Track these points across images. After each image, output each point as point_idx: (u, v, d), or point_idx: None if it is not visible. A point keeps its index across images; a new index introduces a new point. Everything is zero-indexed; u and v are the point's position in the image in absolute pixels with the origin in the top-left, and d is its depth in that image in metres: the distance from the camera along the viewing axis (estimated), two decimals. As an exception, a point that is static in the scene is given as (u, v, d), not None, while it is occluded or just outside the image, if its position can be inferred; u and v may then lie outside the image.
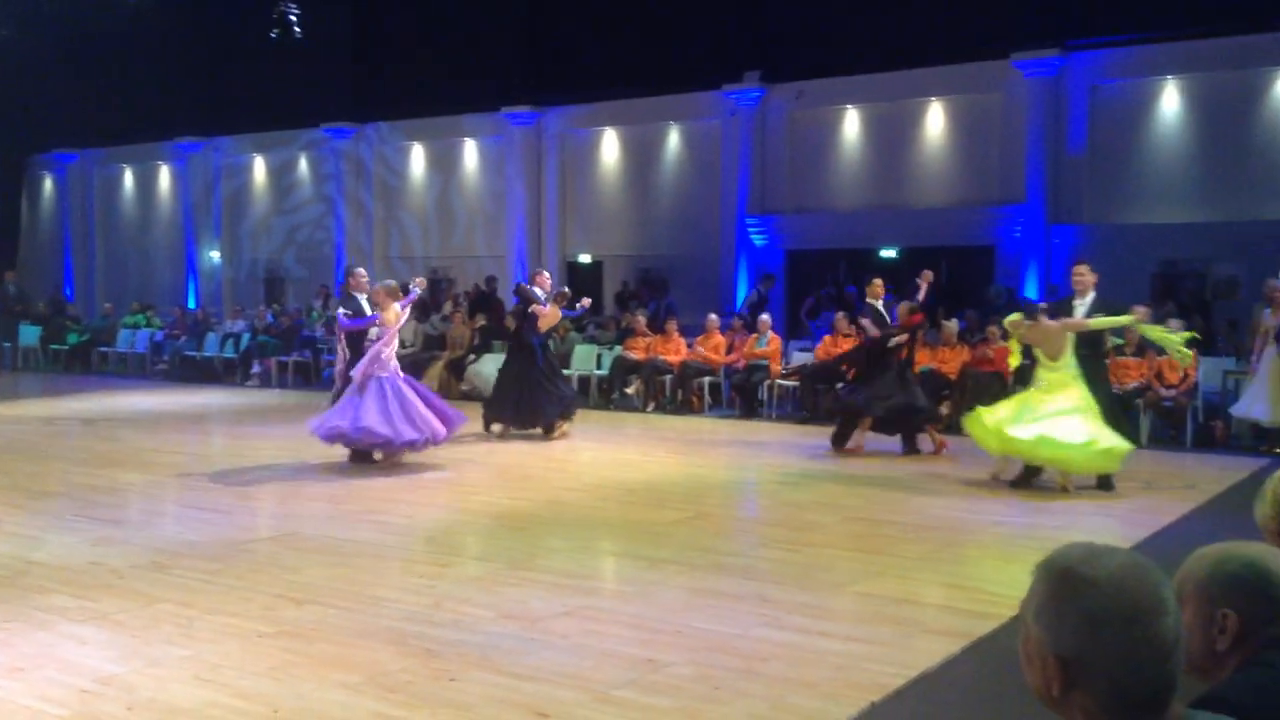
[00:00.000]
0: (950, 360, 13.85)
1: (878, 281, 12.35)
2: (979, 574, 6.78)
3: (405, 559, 7.25)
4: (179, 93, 26.76)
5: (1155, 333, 10.49)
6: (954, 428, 13.31)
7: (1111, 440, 9.25)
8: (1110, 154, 17.44)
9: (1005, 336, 11.12)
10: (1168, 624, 1.72)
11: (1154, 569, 1.76)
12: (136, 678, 4.96)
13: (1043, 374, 9.72)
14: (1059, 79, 17.56)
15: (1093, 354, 9.83)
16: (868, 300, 12.20)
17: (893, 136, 19.25)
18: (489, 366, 17.19)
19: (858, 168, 19.67)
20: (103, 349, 22.85)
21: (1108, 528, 8.12)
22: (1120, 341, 12.04)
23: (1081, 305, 9.89)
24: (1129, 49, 17.17)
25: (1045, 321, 9.76)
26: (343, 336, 11.24)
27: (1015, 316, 10.22)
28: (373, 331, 10.88)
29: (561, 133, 22.50)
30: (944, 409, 13.50)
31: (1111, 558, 1.76)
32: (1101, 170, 17.50)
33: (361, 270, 11.68)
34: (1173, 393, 12.55)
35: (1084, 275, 9.97)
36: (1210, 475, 10.50)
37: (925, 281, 12.00)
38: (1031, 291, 17.49)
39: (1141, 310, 10.11)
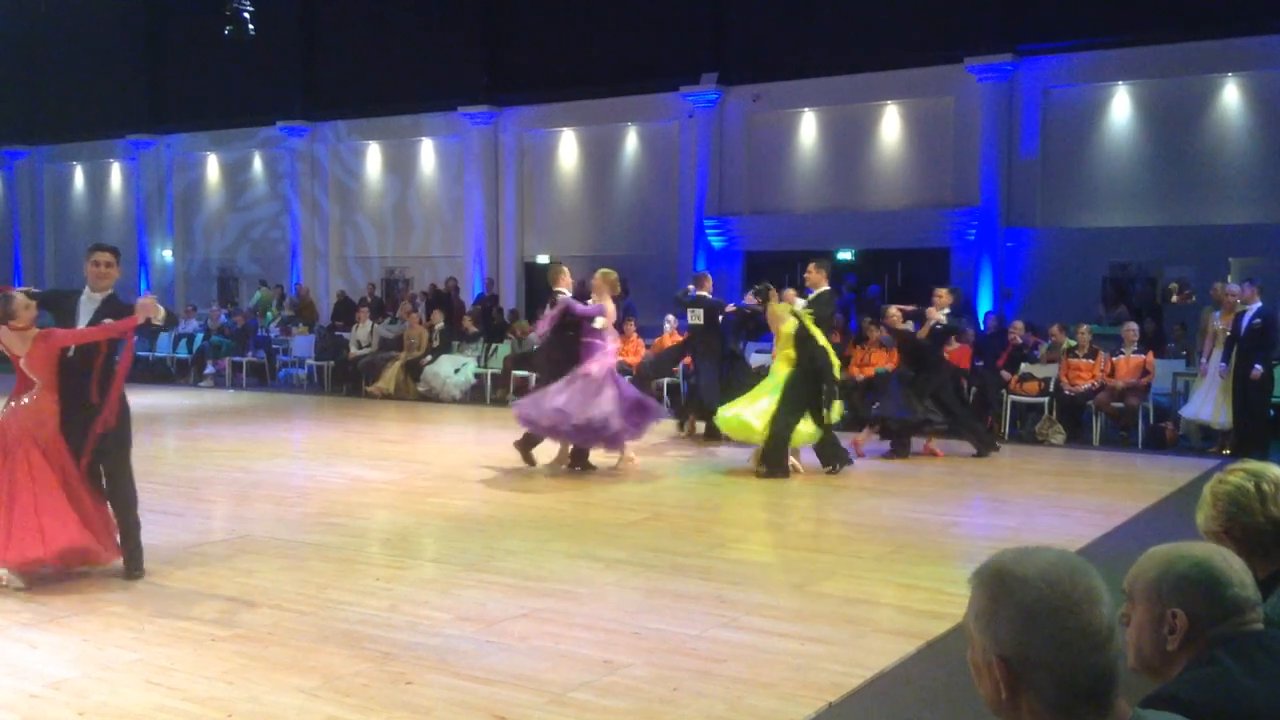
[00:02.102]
0: (905, 362, 13.94)
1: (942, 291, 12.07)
2: (934, 574, 6.83)
3: (360, 561, 7.20)
4: (130, 89, 26.46)
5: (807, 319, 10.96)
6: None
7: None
8: (1062, 158, 17.66)
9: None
10: (1101, 613, 1.75)
11: (1084, 562, 1.80)
12: (88, 682, 4.90)
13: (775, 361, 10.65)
14: (1011, 83, 17.75)
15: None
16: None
17: (849, 139, 19.37)
18: (446, 367, 17.14)
19: (814, 170, 19.78)
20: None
21: (1060, 527, 8.22)
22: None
23: (801, 299, 11.05)
24: (1080, 54, 17.39)
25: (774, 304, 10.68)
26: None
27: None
28: (599, 322, 10.46)
29: (519, 133, 22.45)
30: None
31: (1042, 555, 1.79)
32: (1054, 174, 17.71)
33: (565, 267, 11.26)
34: (1126, 384, 12.68)
35: (812, 273, 11.05)
36: (1160, 476, 10.66)
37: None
38: (986, 294, 17.68)
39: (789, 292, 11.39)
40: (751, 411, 10.33)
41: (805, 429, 10.34)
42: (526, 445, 10.60)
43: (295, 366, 19.92)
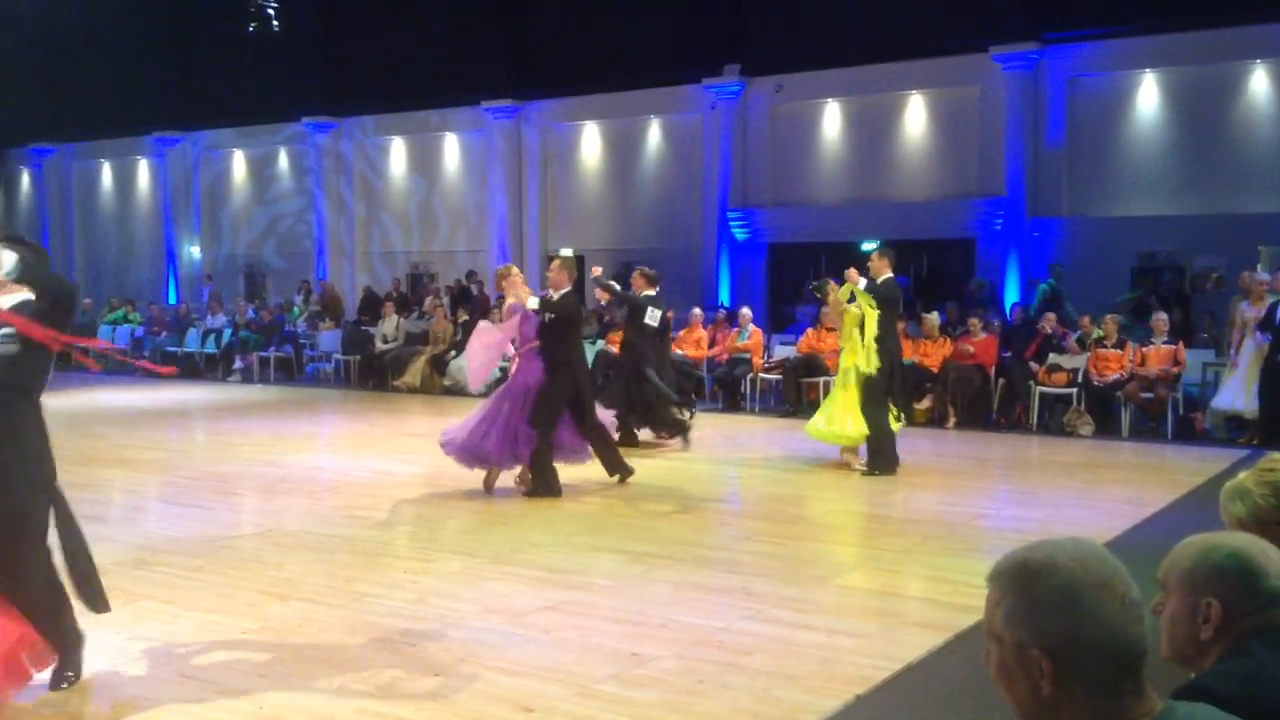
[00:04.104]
0: (932, 354, 13.90)
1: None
2: (961, 567, 6.80)
3: (388, 554, 7.24)
4: (156, 86, 26.61)
5: None
6: (938, 420, 13.41)
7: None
8: (1089, 147, 17.52)
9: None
10: (1130, 584, 1.75)
11: (1093, 541, 1.82)
12: (119, 675, 4.94)
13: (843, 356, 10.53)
14: (1037, 72, 17.61)
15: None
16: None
17: (873, 130, 19.28)
18: (471, 361, 17.16)
19: (838, 161, 19.70)
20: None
21: (1089, 520, 8.17)
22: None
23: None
24: (1106, 42, 17.23)
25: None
26: None
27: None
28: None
29: (542, 127, 22.45)
30: (926, 402, 13.55)
31: (1054, 543, 1.80)
32: (1080, 163, 17.58)
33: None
34: (1156, 374, 12.59)
35: (874, 261, 10.42)
36: (1190, 467, 10.56)
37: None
38: (1013, 284, 17.57)
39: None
40: (839, 415, 10.14)
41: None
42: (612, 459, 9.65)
43: (322, 361, 20.02)
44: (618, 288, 12.02)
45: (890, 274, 10.28)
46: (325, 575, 6.59)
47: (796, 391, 14.60)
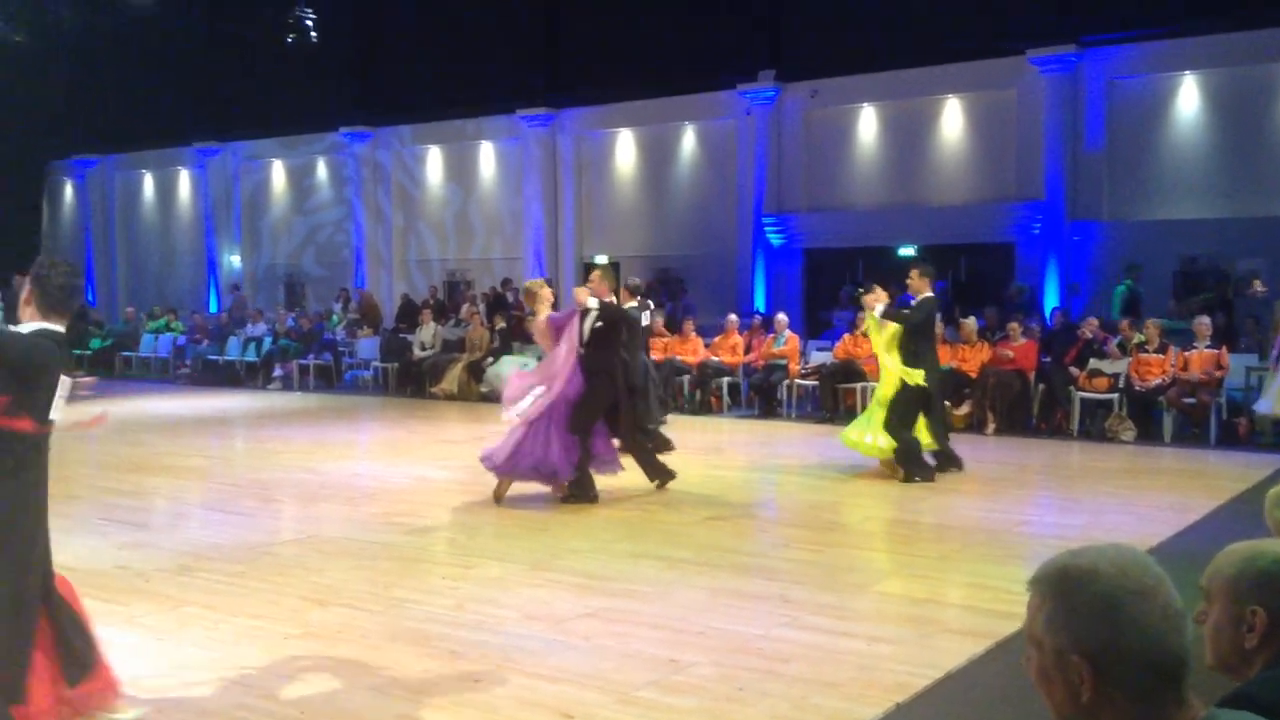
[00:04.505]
0: (970, 359, 13.81)
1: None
2: (1001, 574, 6.75)
3: (427, 560, 7.28)
4: (196, 97, 26.93)
5: None
6: (976, 427, 13.32)
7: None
8: (1128, 150, 17.35)
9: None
10: (1173, 594, 1.75)
11: (1141, 551, 1.81)
12: (164, 680, 5.00)
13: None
14: (1076, 75, 17.48)
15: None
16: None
17: (909, 134, 19.20)
18: (507, 368, 17.23)
19: (874, 165, 19.63)
20: (125, 354, 23.00)
21: (1131, 526, 8.09)
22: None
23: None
24: (1145, 44, 17.07)
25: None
26: None
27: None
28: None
29: (577, 134, 22.53)
30: (965, 408, 13.46)
31: (1097, 549, 1.79)
32: (1120, 166, 17.42)
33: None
34: (1198, 376, 12.44)
35: (914, 279, 10.34)
36: (1234, 473, 10.44)
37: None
38: (1053, 289, 17.43)
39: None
40: (870, 428, 10.08)
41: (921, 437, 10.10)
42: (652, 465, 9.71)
43: (361, 369, 20.16)
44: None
45: (930, 293, 10.12)
46: (366, 581, 6.64)
47: (833, 397, 14.54)
